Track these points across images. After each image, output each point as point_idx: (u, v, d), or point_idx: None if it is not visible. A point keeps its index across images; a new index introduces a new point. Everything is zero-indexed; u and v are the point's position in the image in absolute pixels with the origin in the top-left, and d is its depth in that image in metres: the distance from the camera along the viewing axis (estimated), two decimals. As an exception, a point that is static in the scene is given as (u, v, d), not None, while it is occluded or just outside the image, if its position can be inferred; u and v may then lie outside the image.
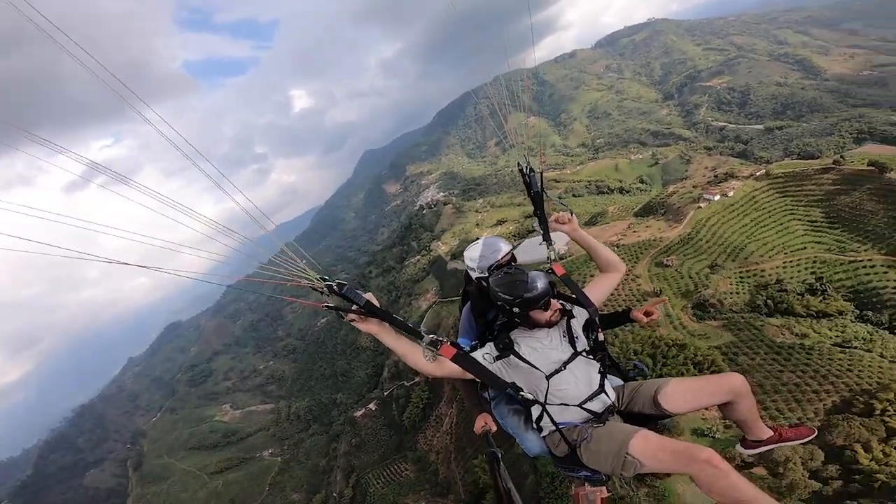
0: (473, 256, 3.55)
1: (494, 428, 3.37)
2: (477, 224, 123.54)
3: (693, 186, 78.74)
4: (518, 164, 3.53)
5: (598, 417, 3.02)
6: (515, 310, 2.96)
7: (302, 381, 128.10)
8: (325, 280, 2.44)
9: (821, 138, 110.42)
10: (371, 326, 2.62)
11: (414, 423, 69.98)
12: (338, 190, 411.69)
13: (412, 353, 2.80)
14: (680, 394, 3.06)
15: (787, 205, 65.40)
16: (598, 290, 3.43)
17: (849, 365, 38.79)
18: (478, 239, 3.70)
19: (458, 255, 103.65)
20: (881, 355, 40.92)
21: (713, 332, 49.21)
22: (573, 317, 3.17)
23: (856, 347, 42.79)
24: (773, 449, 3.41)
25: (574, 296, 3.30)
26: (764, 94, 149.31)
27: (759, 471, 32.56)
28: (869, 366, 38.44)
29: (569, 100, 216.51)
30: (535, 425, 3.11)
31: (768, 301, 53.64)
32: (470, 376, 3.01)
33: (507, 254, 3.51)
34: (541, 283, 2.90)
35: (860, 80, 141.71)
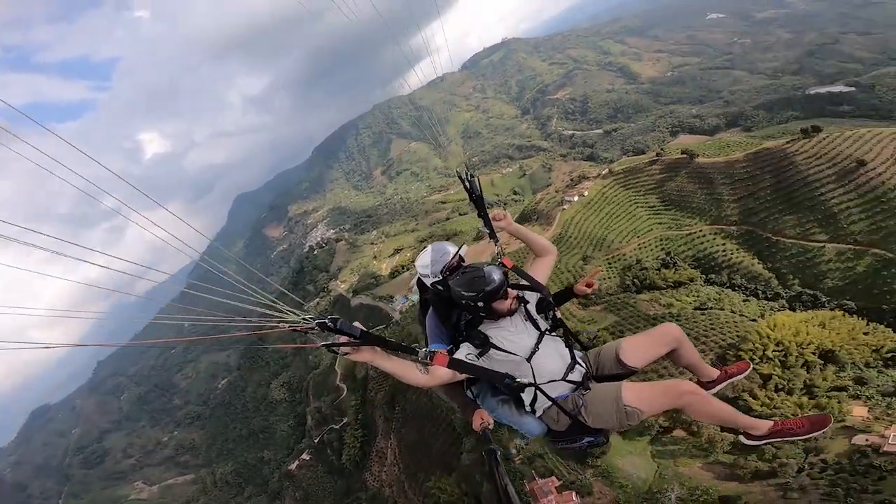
0: (425, 263, 3.64)
1: (493, 423, 3.47)
2: (374, 256, 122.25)
3: (556, 191, 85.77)
4: (457, 172, 3.89)
5: (582, 385, 3.27)
6: (480, 304, 3.14)
7: (218, 445, 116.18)
8: (315, 319, 2.36)
9: (646, 135, 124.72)
10: (365, 355, 2.59)
11: (356, 462, 66.49)
12: (212, 240, 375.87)
13: (407, 371, 2.84)
14: (636, 348, 3.39)
15: (630, 196, 74.73)
16: (542, 274, 3.78)
17: (711, 324, 43.78)
18: (426, 247, 3.85)
19: (360, 290, 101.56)
20: (731, 311, 47.37)
21: (598, 315, 53.04)
22: (527, 302, 3.42)
23: (711, 308, 48.79)
24: (726, 386, 3.84)
25: (523, 283, 3.58)
26: (598, 100, 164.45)
27: (679, 432, 35.39)
28: (726, 322, 43.81)
29: (444, 122, 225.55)
30: (528, 408, 3.25)
31: (635, 280, 60.86)
32: (460, 378, 3.16)
33: (456, 255, 3.63)
34: (497, 275, 3.12)
35: (666, 80, 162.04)
